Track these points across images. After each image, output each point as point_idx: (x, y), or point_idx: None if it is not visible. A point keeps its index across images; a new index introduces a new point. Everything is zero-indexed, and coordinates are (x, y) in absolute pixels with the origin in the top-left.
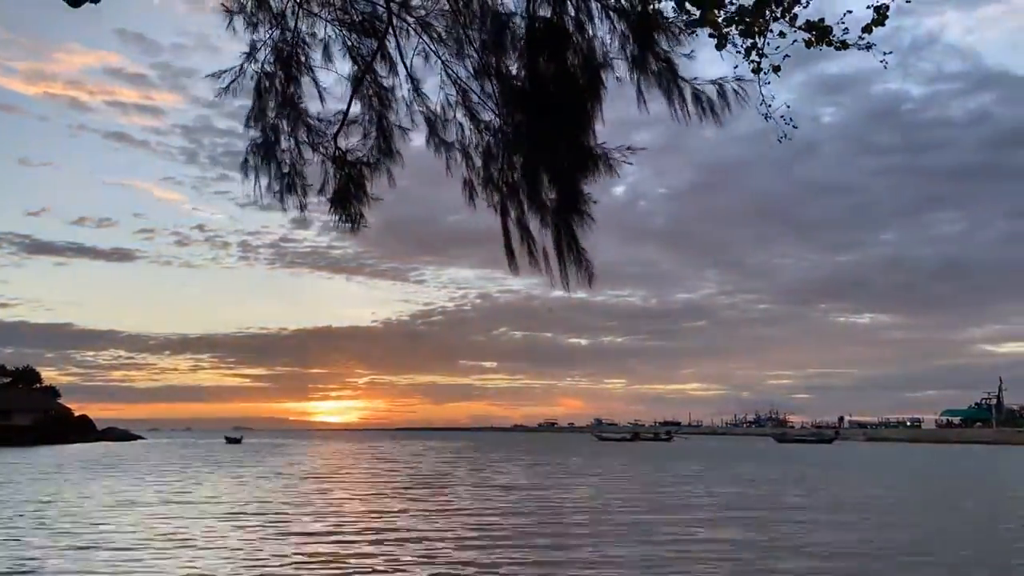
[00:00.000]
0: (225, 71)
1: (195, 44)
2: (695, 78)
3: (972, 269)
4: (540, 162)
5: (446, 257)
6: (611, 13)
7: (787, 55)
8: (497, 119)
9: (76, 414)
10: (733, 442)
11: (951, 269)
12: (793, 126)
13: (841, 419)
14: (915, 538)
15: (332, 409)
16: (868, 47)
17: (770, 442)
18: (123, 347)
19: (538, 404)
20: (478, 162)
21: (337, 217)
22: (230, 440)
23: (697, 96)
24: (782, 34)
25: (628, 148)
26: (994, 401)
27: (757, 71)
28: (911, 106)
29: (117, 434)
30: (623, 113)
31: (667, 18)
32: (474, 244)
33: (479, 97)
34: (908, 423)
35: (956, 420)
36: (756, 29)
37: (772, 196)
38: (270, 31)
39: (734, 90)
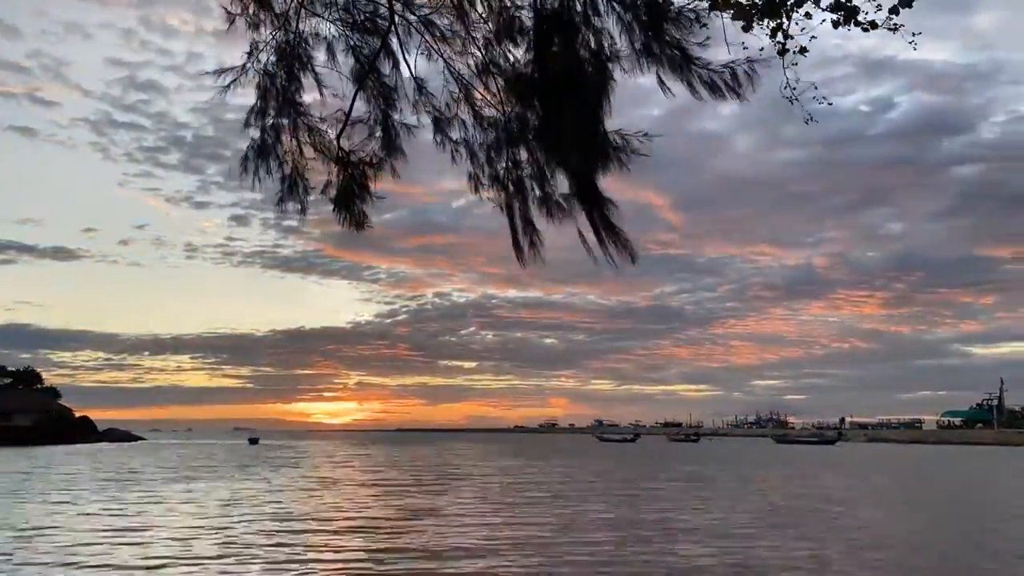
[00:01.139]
0: (227, 70)
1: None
2: (708, 63)
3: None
4: (551, 155)
5: (396, 255)
6: (616, 5)
7: (814, 36)
8: (502, 116)
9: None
10: (755, 444)
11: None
12: (828, 103)
13: (842, 420)
14: None
15: (330, 411)
16: (895, 28)
17: (772, 443)
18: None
19: (531, 405)
20: (483, 158)
21: (341, 217)
22: (252, 441)
23: (712, 80)
24: (808, 15)
25: (644, 134)
26: (995, 402)
27: (783, 53)
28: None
29: (118, 435)
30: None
31: (677, 5)
32: (423, 241)
33: (482, 94)
34: (908, 423)
35: (957, 421)
36: (781, 10)
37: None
38: (273, 32)
39: (746, 72)
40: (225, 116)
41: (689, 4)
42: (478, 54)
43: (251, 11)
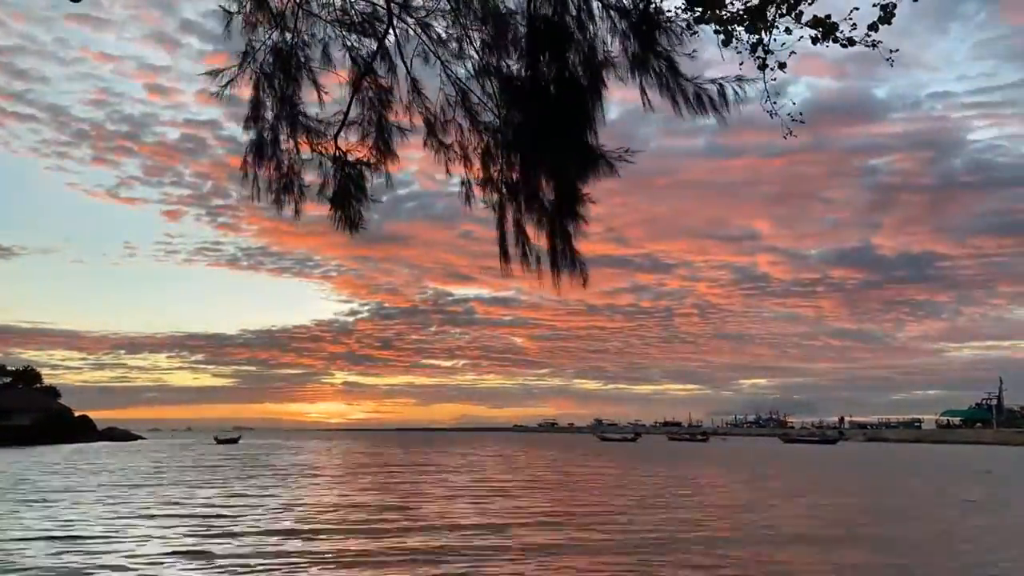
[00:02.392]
0: (223, 70)
1: None
2: (696, 77)
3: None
4: (540, 162)
5: (348, 253)
6: (612, 12)
7: (793, 52)
8: (497, 120)
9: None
10: (756, 443)
11: None
12: (801, 122)
13: (841, 419)
14: None
15: (326, 411)
16: (874, 45)
17: (776, 442)
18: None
19: (521, 404)
20: (477, 163)
21: (337, 217)
22: (222, 441)
23: (699, 95)
24: (788, 30)
25: (627, 150)
26: (994, 402)
27: (763, 68)
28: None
29: (118, 434)
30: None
31: (668, 17)
32: (372, 238)
33: (479, 98)
34: (907, 422)
35: (956, 421)
36: (761, 25)
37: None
38: (269, 32)
39: (734, 90)
40: (125, 109)
41: (680, 15)
42: (475, 57)
43: (248, 10)
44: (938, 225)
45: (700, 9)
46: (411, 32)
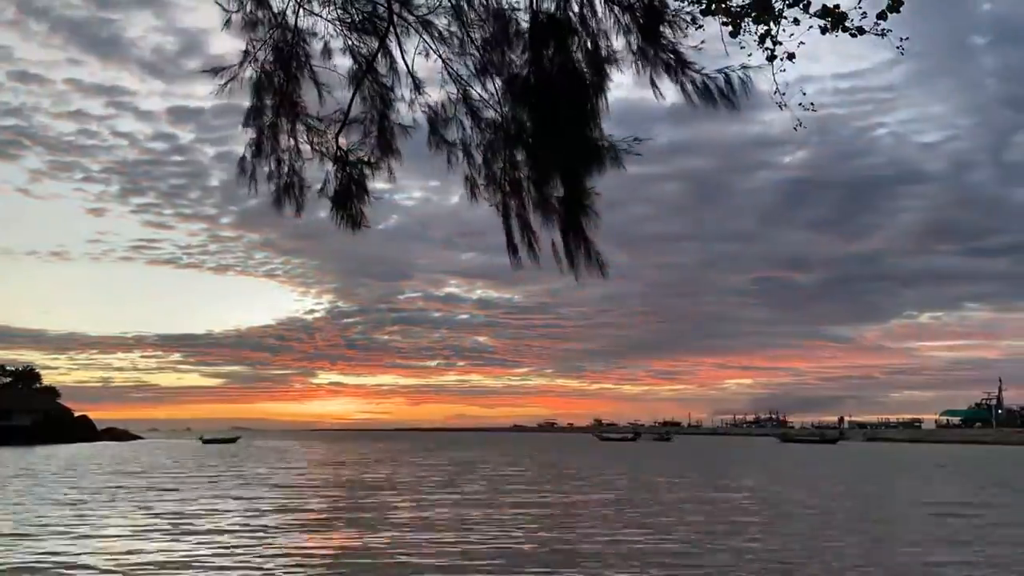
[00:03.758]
0: (223, 69)
1: None
2: (702, 68)
3: None
4: (545, 157)
5: (288, 251)
6: (615, 6)
7: (802, 42)
8: (499, 116)
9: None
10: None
11: None
12: (813, 109)
13: (841, 419)
14: None
15: (319, 412)
16: (883, 34)
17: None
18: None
19: (511, 404)
20: (479, 160)
21: (339, 216)
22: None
23: (706, 85)
24: (796, 21)
25: (635, 139)
26: (994, 401)
27: (771, 59)
28: None
29: (118, 435)
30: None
31: (673, 9)
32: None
33: (480, 95)
34: (907, 422)
35: (956, 420)
36: (769, 16)
37: None
38: (270, 31)
39: (740, 79)
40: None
41: (685, 7)
42: (476, 54)
43: (248, 9)
44: None
45: (707, 1)
46: (412, 30)
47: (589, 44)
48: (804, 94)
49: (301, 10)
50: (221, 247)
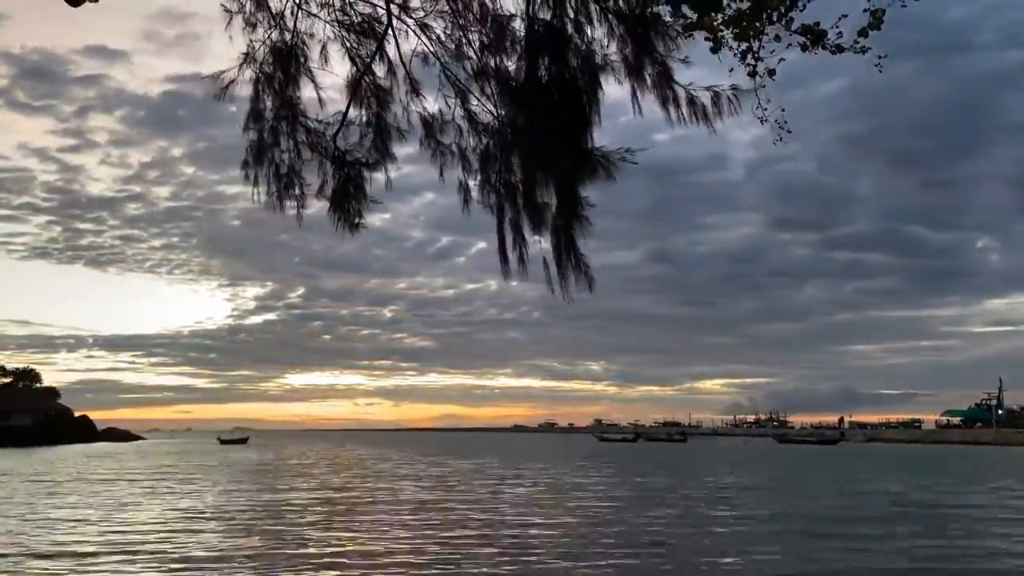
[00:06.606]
0: (224, 71)
1: None
2: (690, 83)
3: None
4: (538, 165)
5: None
6: (610, 16)
7: (782, 59)
8: (496, 121)
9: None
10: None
11: None
12: (788, 130)
13: (841, 419)
14: None
15: (302, 413)
16: (863, 51)
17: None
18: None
19: (500, 405)
20: (475, 164)
21: (336, 218)
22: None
23: (692, 101)
24: (778, 38)
25: (627, 150)
26: (994, 401)
27: (753, 75)
28: None
29: (118, 435)
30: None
31: (665, 22)
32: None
33: (478, 99)
34: (907, 423)
35: (956, 420)
36: (751, 33)
37: None
38: (268, 32)
39: (728, 98)
40: None
41: (676, 22)
42: (474, 58)
43: (248, 10)
44: None
45: (694, 15)
46: (410, 33)
47: (584, 52)
48: (783, 110)
49: (300, 12)
50: (134, 250)
